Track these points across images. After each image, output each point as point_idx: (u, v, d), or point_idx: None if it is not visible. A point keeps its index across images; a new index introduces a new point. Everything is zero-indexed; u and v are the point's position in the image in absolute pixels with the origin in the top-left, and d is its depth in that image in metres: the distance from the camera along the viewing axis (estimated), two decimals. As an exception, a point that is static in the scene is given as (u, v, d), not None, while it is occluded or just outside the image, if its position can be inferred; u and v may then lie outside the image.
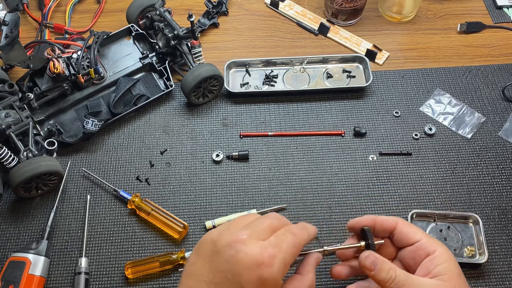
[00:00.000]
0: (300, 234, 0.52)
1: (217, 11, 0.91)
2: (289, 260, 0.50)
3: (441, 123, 0.79)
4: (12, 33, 0.70)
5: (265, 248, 0.48)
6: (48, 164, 0.69)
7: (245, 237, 0.49)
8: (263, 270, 0.47)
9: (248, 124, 0.80)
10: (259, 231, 0.50)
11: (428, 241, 0.55)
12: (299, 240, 0.52)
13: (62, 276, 0.67)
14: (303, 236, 0.53)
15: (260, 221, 0.52)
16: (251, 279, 0.47)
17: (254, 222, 0.52)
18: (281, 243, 0.50)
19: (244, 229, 0.50)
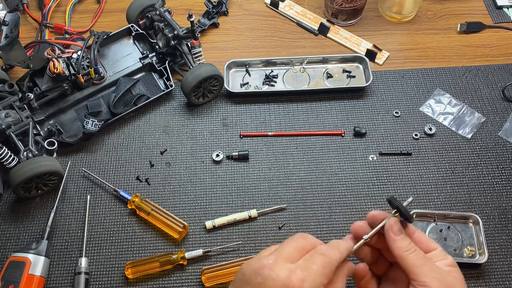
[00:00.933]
0: (331, 254, 0.50)
1: (217, 11, 0.91)
2: (321, 281, 0.47)
3: (441, 123, 0.79)
4: (12, 33, 0.70)
5: (293, 272, 0.46)
6: (48, 164, 0.69)
7: (271, 262, 0.48)
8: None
9: (248, 124, 0.80)
10: (285, 255, 0.49)
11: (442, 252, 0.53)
12: (330, 260, 0.49)
13: (62, 276, 0.67)
14: (334, 255, 0.50)
15: (286, 244, 0.50)
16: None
17: (280, 246, 0.50)
18: (310, 265, 0.48)
19: (270, 254, 0.49)
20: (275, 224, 0.70)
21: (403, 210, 0.53)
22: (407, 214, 0.52)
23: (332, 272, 0.49)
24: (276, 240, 0.69)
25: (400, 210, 0.53)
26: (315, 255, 0.49)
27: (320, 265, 0.48)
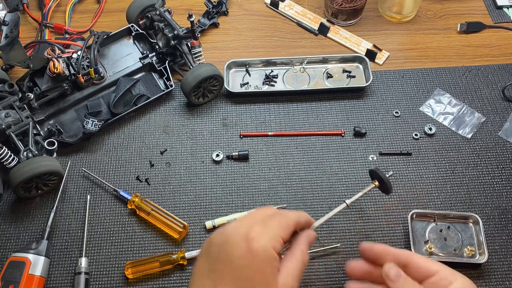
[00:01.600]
0: (288, 213, 0.54)
1: (217, 11, 0.91)
2: (279, 234, 0.51)
3: (441, 123, 0.79)
4: (12, 33, 0.70)
5: (252, 227, 0.50)
6: (48, 164, 0.69)
7: (234, 224, 0.51)
8: (251, 243, 0.48)
9: (248, 124, 0.80)
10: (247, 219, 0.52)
11: (446, 272, 0.53)
12: (286, 218, 0.53)
13: (62, 276, 0.67)
14: (291, 214, 0.54)
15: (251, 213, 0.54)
16: (241, 253, 0.48)
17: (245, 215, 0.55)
18: (268, 222, 0.51)
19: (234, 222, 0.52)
20: (275, 224, 0.70)
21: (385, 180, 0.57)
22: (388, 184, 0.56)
23: (289, 227, 0.52)
24: (276, 240, 0.69)
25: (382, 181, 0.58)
26: (274, 215, 0.53)
27: (277, 222, 0.52)
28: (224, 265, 0.49)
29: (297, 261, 0.52)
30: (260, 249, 0.48)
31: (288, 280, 0.50)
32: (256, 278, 0.48)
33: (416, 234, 0.68)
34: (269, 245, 0.49)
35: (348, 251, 0.68)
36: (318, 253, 0.68)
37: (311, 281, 0.66)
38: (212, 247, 0.51)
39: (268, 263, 0.49)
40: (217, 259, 0.50)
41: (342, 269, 0.67)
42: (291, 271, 0.51)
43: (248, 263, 0.48)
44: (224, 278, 0.49)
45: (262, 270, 0.48)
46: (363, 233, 0.69)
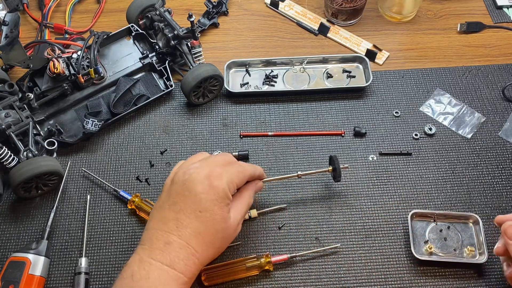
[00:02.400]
0: (245, 165, 0.63)
1: (217, 11, 0.91)
2: (235, 180, 0.60)
3: (441, 123, 0.79)
4: (12, 33, 0.70)
5: (213, 169, 0.58)
6: (48, 164, 0.69)
7: (198, 165, 0.59)
8: (213, 180, 0.57)
9: (248, 124, 0.80)
10: (210, 162, 0.60)
11: None
12: (244, 169, 0.62)
13: (62, 276, 0.67)
14: (248, 166, 0.63)
15: (213, 156, 0.62)
16: (203, 189, 0.57)
17: (208, 156, 0.63)
18: (228, 168, 0.60)
19: (198, 161, 0.61)
20: (275, 224, 0.70)
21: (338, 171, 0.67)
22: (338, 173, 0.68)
23: (245, 177, 0.62)
24: (276, 241, 0.69)
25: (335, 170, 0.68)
26: (233, 163, 0.62)
27: (235, 169, 0.61)
28: (187, 198, 0.57)
29: (244, 203, 0.62)
30: (219, 186, 0.57)
31: (237, 215, 0.60)
32: (214, 210, 0.57)
33: (416, 234, 0.68)
34: (227, 186, 0.58)
35: (348, 251, 0.68)
36: (318, 253, 0.68)
37: (311, 281, 0.66)
38: (175, 184, 0.58)
39: (224, 199, 0.58)
40: (180, 194, 0.57)
41: (342, 269, 0.67)
42: (239, 209, 0.61)
43: (208, 196, 0.56)
44: (186, 210, 0.56)
45: (219, 204, 0.57)
46: (363, 233, 0.69)
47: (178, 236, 0.56)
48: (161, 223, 0.57)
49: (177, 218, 0.56)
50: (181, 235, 0.56)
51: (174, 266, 0.55)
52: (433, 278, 0.66)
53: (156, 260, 0.55)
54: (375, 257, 0.67)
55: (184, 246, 0.55)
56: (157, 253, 0.55)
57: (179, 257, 0.55)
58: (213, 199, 0.57)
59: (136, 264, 0.55)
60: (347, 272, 0.66)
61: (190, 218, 0.56)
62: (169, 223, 0.57)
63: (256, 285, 0.66)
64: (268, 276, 0.66)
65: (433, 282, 0.65)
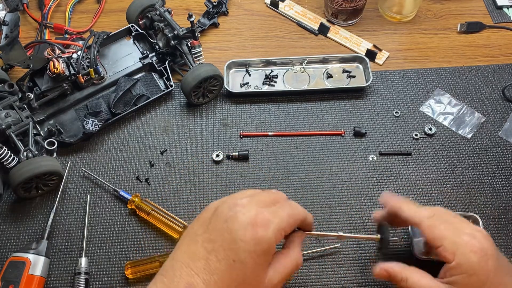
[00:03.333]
0: (298, 208, 0.55)
1: (217, 11, 0.91)
2: (285, 227, 0.52)
3: (441, 123, 0.79)
4: (12, 33, 0.70)
5: (262, 213, 0.51)
6: (48, 164, 0.69)
7: (246, 202, 0.52)
8: (258, 230, 0.49)
9: (248, 124, 0.80)
10: (260, 200, 0.53)
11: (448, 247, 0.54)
12: (297, 212, 0.54)
13: (62, 276, 0.67)
14: (300, 210, 0.55)
15: (263, 193, 0.55)
16: (246, 238, 0.49)
17: (257, 192, 0.54)
18: (278, 211, 0.52)
19: (246, 196, 0.53)
20: (275, 224, 0.70)
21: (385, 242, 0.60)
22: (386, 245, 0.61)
23: (295, 223, 0.54)
24: (276, 240, 0.69)
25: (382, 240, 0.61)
26: (285, 204, 0.54)
27: (286, 213, 0.52)
28: (224, 240, 0.50)
29: (291, 262, 0.54)
30: (263, 238, 0.49)
31: (276, 277, 0.52)
32: (250, 263, 0.49)
33: (416, 234, 0.68)
34: (273, 238, 0.50)
35: (348, 251, 0.68)
36: (318, 253, 0.68)
37: (311, 281, 0.66)
38: (216, 217, 0.52)
39: (266, 254, 0.50)
40: (218, 232, 0.50)
41: (342, 269, 0.67)
42: (282, 270, 0.52)
43: (248, 247, 0.49)
44: (219, 253, 0.50)
45: (258, 258, 0.50)
46: (363, 233, 0.69)
47: (203, 280, 0.49)
48: (188, 258, 0.51)
49: (207, 258, 0.50)
50: (207, 280, 0.49)
51: None
52: (433, 278, 0.66)
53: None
54: (375, 257, 0.67)
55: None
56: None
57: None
58: (253, 250, 0.49)
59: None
60: (347, 272, 0.66)
61: (221, 264, 0.49)
62: (198, 261, 0.50)
63: (256, 285, 0.66)
64: (268, 276, 0.66)
65: (433, 282, 0.65)
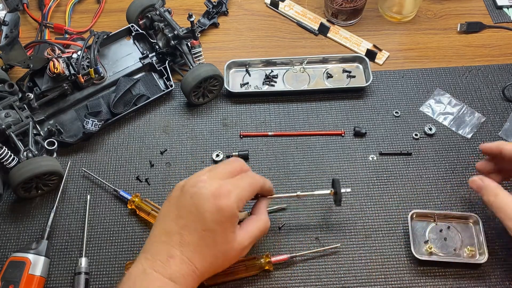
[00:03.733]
0: (256, 177, 0.62)
1: (217, 11, 0.91)
2: (245, 196, 0.59)
3: (441, 123, 0.79)
4: (12, 33, 0.70)
5: (222, 185, 0.57)
6: (48, 164, 0.69)
7: (206, 178, 0.58)
8: (220, 200, 0.56)
9: (248, 124, 0.80)
10: (219, 173, 0.59)
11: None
12: (255, 181, 0.61)
13: (62, 276, 0.67)
14: (259, 179, 0.62)
15: (222, 166, 0.61)
16: (210, 208, 0.56)
17: (216, 166, 0.61)
18: (238, 182, 0.59)
19: (206, 172, 0.60)
20: (275, 224, 0.70)
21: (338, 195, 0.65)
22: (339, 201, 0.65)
23: (255, 191, 0.61)
24: (276, 241, 0.69)
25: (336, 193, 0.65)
26: (244, 176, 0.60)
27: (246, 183, 0.59)
28: (192, 214, 0.56)
29: (258, 225, 0.61)
30: (226, 207, 0.56)
31: (245, 239, 0.59)
32: (218, 230, 0.56)
33: (416, 234, 0.68)
34: (235, 205, 0.57)
35: (348, 251, 0.68)
36: (318, 253, 0.68)
37: (311, 281, 0.66)
38: (183, 196, 0.58)
39: (230, 220, 0.57)
40: (186, 208, 0.57)
41: (342, 269, 0.67)
42: (250, 233, 0.60)
43: (213, 217, 0.56)
44: (190, 226, 0.56)
45: (224, 225, 0.56)
46: (363, 233, 0.69)
47: (180, 251, 0.56)
48: (164, 236, 0.57)
49: (180, 232, 0.56)
50: (183, 251, 0.56)
51: (174, 279, 0.55)
52: (433, 278, 0.66)
53: (157, 272, 0.55)
54: (375, 257, 0.67)
55: (185, 262, 0.56)
56: (159, 265, 0.55)
57: (179, 271, 0.55)
58: (218, 220, 0.56)
59: (139, 275, 0.55)
60: (347, 272, 0.66)
61: (193, 235, 0.56)
62: (173, 236, 0.57)
63: (256, 285, 0.66)
64: (268, 276, 0.66)
65: (433, 282, 0.65)
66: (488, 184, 0.62)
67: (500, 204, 0.60)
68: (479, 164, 0.68)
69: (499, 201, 0.60)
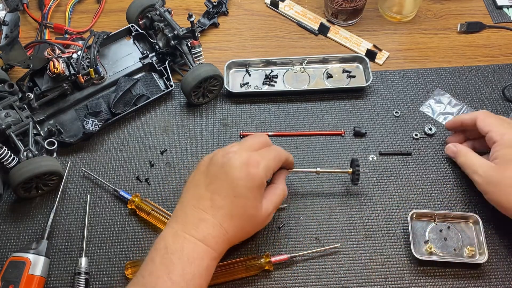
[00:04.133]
0: (281, 151, 0.65)
1: (217, 11, 0.91)
2: (272, 166, 0.62)
3: (441, 123, 0.79)
4: (12, 33, 0.70)
5: (252, 155, 0.60)
6: (48, 164, 0.69)
7: (236, 149, 0.61)
8: (250, 168, 0.59)
9: (248, 124, 0.80)
10: (248, 146, 0.62)
11: (495, 131, 0.66)
12: (280, 154, 0.65)
13: (62, 276, 0.67)
14: (284, 153, 0.66)
15: (249, 139, 0.64)
16: (241, 176, 0.59)
17: (245, 140, 0.64)
18: (265, 154, 0.62)
19: (235, 144, 0.63)
20: (275, 224, 0.70)
21: (356, 175, 0.69)
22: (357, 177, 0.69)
23: (280, 162, 0.64)
24: (276, 241, 0.69)
25: (354, 173, 0.69)
26: (270, 149, 0.64)
27: (272, 155, 0.63)
28: (223, 181, 0.59)
29: (278, 194, 0.64)
30: (256, 175, 0.59)
31: (269, 206, 0.62)
32: (248, 196, 0.59)
33: (416, 234, 0.68)
34: (263, 174, 0.60)
35: (348, 251, 0.68)
36: (318, 253, 0.68)
37: (311, 281, 0.66)
38: (213, 165, 0.61)
39: (259, 188, 0.60)
40: (217, 176, 0.60)
41: (342, 269, 0.67)
42: (272, 201, 0.63)
43: (244, 184, 0.59)
44: (222, 192, 0.59)
45: (254, 192, 0.60)
46: (363, 233, 0.69)
47: (212, 215, 0.59)
48: (196, 200, 0.60)
49: (212, 198, 0.59)
50: (215, 215, 0.59)
51: (206, 242, 0.58)
52: (433, 278, 0.66)
53: (189, 234, 0.57)
54: (375, 257, 0.67)
55: (216, 225, 0.58)
56: (191, 228, 0.58)
57: (211, 234, 0.58)
58: (249, 186, 0.59)
59: (170, 237, 0.58)
60: (347, 272, 0.66)
61: (225, 200, 0.59)
62: (204, 201, 0.59)
63: (256, 285, 0.66)
64: (268, 276, 0.66)
65: (433, 282, 0.65)
66: (460, 148, 0.71)
67: (468, 162, 0.68)
68: (450, 138, 0.76)
69: (468, 160, 0.68)
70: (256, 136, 0.65)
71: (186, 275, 0.55)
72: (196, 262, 0.56)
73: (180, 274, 0.55)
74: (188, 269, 0.55)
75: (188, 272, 0.55)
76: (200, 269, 0.56)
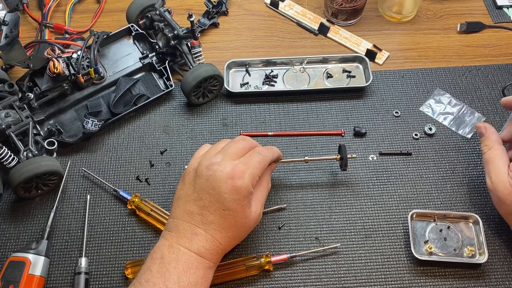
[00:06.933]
0: (265, 153, 0.65)
1: (217, 11, 0.91)
2: (257, 173, 0.62)
3: (441, 123, 0.79)
4: (12, 33, 0.70)
5: (236, 166, 0.60)
6: (48, 164, 0.69)
7: (219, 160, 0.61)
8: (235, 181, 0.59)
9: (248, 124, 0.80)
10: (230, 154, 0.62)
11: None
12: (265, 158, 0.64)
13: (62, 276, 0.67)
14: (268, 154, 0.65)
15: (232, 146, 0.64)
16: (227, 189, 0.59)
17: (225, 147, 0.64)
18: (249, 161, 0.62)
19: (218, 154, 0.62)
20: (275, 224, 0.70)
21: (345, 160, 0.70)
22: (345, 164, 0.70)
23: (265, 167, 0.64)
24: (276, 241, 0.69)
25: (342, 159, 0.70)
26: (253, 153, 0.64)
27: (257, 161, 0.63)
28: (211, 196, 0.60)
29: (263, 190, 0.65)
30: (242, 187, 0.60)
31: (258, 206, 0.63)
32: (237, 209, 0.60)
33: (416, 234, 0.68)
34: (249, 183, 0.60)
35: (348, 251, 0.68)
36: (318, 253, 0.68)
37: (311, 281, 0.66)
38: (199, 178, 0.61)
39: (246, 197, 0.60)
40: (204, 190, 0.60)
41: (342, 269, 0.67)
42: (260, 199, 0.64)
43: (231, 197, 0.59)
44: (210, 207, 0.60)
45: (242, 203, 0.60)
46: (363, 233, 0.69)
47: (203, 229, 0.60)
48: (187, 216, 0.61)
49: (202, 213, 0.60)
50: (206, 229, 0.60)
51: (201, 254, 0.59)
52: (433, 278, 0.66)
53: (184, 247, 0.59)
54: (375, 257, 0.67)
55: (209, 239, 0.60)
56: (185, 241, 0.59)
57: (204, 247, 0.59)
58: (236, 199, 0.60)
59: (166, 248, 0.59)
60: (347, 272, 0.66)
61: (215, 215, 0.60)
62: (195, 216, 0.60)
63: (256, 285, 0.66)
64: (268, 276, 0.66)
65: (433, 282, 0.66)
66: (489, 135, 0.67)
67: (489, 157, 0.65)
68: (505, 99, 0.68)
69: (491, 154, 0.65)
70: (238, 141, 0.65)
71: (181, 282, 0.57)
72: (191, 271, 0.58)
73: (176, 282, 0.56)
74: (184, 277, 0.57)
75: (183, 280, 0.57)
76: (195, 277, 0.58)
